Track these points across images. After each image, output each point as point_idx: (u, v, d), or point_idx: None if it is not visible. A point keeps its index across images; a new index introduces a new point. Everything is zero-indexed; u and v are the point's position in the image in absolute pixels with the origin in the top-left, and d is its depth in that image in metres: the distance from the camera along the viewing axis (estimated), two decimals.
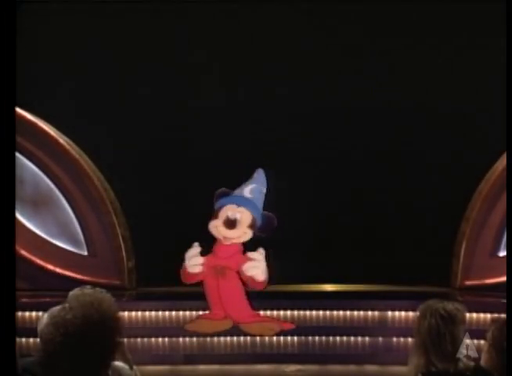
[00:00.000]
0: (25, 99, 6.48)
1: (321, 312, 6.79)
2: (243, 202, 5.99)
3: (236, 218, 5.94)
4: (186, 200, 6.90)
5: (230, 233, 5.98)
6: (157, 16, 7.21)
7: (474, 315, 6.31)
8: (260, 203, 6.03)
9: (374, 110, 7.18)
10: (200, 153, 7.27)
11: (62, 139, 7.12)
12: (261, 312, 6.51)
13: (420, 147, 7.15)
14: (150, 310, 6.82)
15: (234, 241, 6.01)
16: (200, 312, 6.43)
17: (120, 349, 2.88)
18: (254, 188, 6.01)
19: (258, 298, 6.60)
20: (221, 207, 6.00)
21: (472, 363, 3.22)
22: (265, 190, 6.06)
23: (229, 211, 5.97)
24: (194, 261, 5.96)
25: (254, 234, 5.99)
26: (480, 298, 6.86)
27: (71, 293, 2.31)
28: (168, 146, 7.31)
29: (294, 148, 7.25)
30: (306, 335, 6.72)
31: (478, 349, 3.21)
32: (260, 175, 6.09)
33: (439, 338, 3.18)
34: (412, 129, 7.13)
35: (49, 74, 7.14)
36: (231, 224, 5.95)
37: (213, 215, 6.00)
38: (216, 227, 5.98)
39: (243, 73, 7.26)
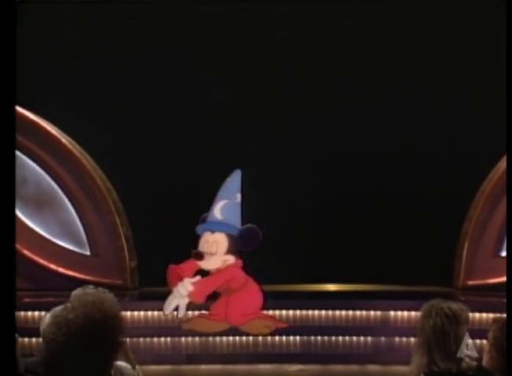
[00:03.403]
0: (27, 99, 6.52)
1: (323, 312, 6.79)
2: (216, 226, 5.80)
3: (200, 250, 5.76)
4: (188, 200, 6.89)
5: (208, 265, 5.81)
6: (158, 16, 7.21)
7: (477, 315, 6.30)
8: (236, 217, 5.80)
9: (375, 109, 7.17)
10: (202, 152, 7.27)
11: (64, 139, 7.13)
12: (263, 312, 6.51)
13: (422, 147, 7.14)
14: (152, 310, 6.82)
15: (218, 268, 5.83)
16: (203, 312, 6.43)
17: (123, 349, 2.88)
18: (225, 205, 5.78)
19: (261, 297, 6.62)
20: (200, 237, 5.86)
21: (474, 363, 3.21)
22: (239, 196, 5.81)
23: (206, 240, 5.80)
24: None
25: (240, 249, 5.82)
26: (482, 297, 6.86)
27: (73, 293, 2.30)
28: (170, 145, 7.31)
29: (295, 147, 7.24)
30: (308, 335, 6.72)
31: (480, 349, 3.21)
32: (231, 183, 5.85)
33: (443, 337, 3.18)
34: (413, 129, 7.12)
35: (51, 73, 7.14)
36: (199, 256, 5.79)
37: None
38: (203, 264, 5.83)
39: (243, 73, 7.24)
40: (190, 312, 6.59)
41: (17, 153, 6.86)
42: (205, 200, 6.01)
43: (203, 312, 6.31)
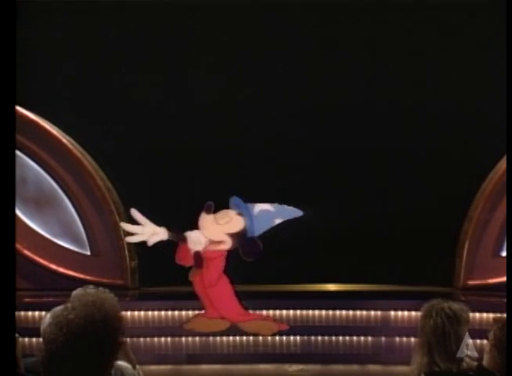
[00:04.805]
0: (27, 99, 6.51)
1: (324, 312, 6.79)
2: (246, 211, 5.68)
3: (212, 204, 5.65)
4: (189, 200, 6.88)
5: (206, 230, 5.71)
6: (159, 16, 7.20)
7: (477, 315, 6.30)
8: (262, 227, 5.69)
9: (375, 109, 7.16)
10: (204, 152, 7.27)
11: (64, 139, 7.12)
12: (264, 312, 6.51)
13: (422, 146, 7.13)
14: (153, 310, 6.83)
15: (212, 239, 5.73)
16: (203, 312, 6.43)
17: (124, 349, 2.89)
18: (267, 211, 5.69)
19: (261, 297, 6.62)
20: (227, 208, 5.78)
21: (475, 363, 3.22)
22: (277, 222, 5.71)
23: (226, 212, 5.71)
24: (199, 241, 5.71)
25: (238, 253, 5.70)
26: (483, 297, 6.85)
27: (74, 292, 2.31)
28: (171, 145, 7.31)
29: (295, 147, 7.24)
30: (309, 335, 6.71)
31: (481, 349, 3.21)
32: (286, 210, 5.75)
33: (444, 337, 3.19)
34: (413, 128, 7.11)
35: (51, 73, 7.14)
36: (209, 208, 5.64)
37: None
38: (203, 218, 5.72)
39: (244, 73, 7.24)
40: (191, 312, 6.62)
41: (17, 153, 6.87)
42: (206, 200, 6.01)
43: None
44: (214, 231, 5.71)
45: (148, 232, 5.73)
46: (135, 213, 5.69)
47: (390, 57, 7.18)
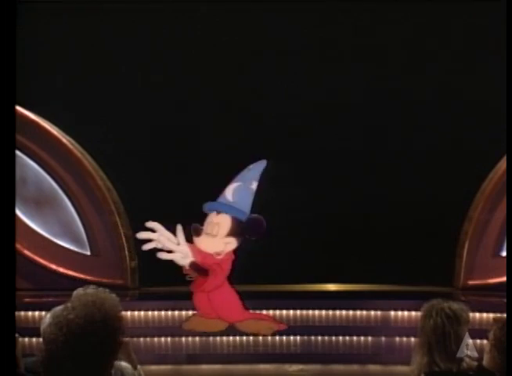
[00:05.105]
0: (27, 99, 6.51)
1: (324, 312, 6.79)
2: (224, 208, 5.64)
3: (199, 226, 5.64)
4: (189, 199, 6.89)
5: (207, 246, 5.65)
6: (157, 15, 7.20)
7: (477, 315, 6.30)
8: (246, 202, 5.65)
9: (375, 109, 7.16)
10: (204, 152, 7.27)
11: (64, 139, 7.12)
12: (264, 312, 6.51)
13: (423, 146, 7.13)
14: (153, 310, 6.82)
15: (218, 252, 5.67)
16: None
17: (126, 349, 2.89)
18: (238, 188, 5.65)
19: (261, 297, 6.62)
20: (205, 219, 5.74)
21: (475, 363, 3.22)
22: (254, 185, 5.67)
23: (210, 221, 5.65)
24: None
25: (244, 238, 5.65)
26: (483, 297, 6.85)
27: (74, 292, 2.31)
28: (171, 145, 7.31)
29: (294, 147, 7.23)
30: (309, 335, 6.71)
31: (481, 349, 3.21)
32: (251, 170, 5.71)
33: (444, 337, 3.19)
34: (413, 128, 7.12)
35: (51, 73, 7.14)
36: (196, 231, 5.64)
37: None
38: (199, 242, 5.71)
39: (243, 73, 7.25)
40: (191, 312, 6.61)
41: (17, 153, 6.87)
42: (206, 200, 6.01)
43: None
44: (215, 244, 5.69)
45: (163, 239, 5.71)
46: (150, 223, 5.68)
47: (390, 57, 7.18)
